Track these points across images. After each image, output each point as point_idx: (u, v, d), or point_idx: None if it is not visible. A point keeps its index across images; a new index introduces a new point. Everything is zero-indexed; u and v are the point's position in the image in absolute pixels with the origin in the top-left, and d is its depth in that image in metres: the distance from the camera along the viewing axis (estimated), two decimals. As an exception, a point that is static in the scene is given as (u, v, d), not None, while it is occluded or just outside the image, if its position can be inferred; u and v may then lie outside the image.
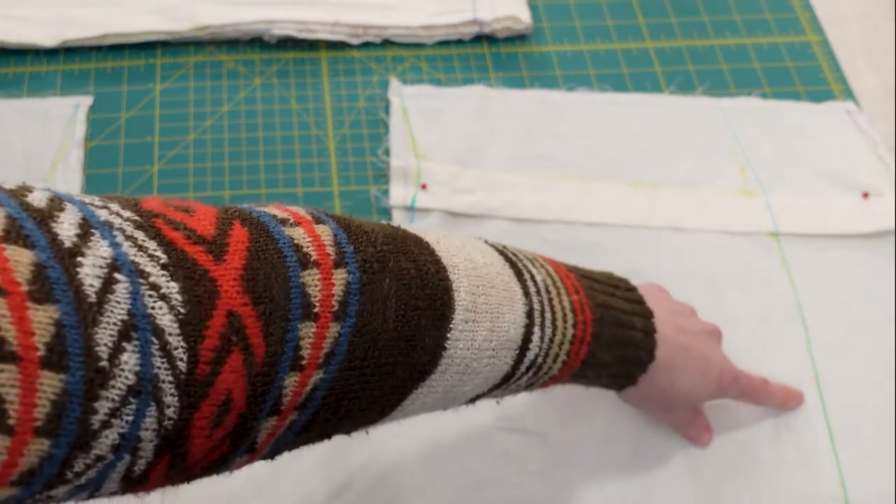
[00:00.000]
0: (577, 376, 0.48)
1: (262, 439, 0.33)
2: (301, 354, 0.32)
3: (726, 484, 0.57)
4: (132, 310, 0.27)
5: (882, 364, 0.62)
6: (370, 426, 0.39)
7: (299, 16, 0.78)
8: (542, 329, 0.42)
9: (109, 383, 0.26)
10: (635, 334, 0.49)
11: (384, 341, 0.35)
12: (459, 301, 0.38)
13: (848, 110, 0.75)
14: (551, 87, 0.77)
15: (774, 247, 0.67)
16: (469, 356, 0.39)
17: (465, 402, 0.44)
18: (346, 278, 0.33)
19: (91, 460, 0.27)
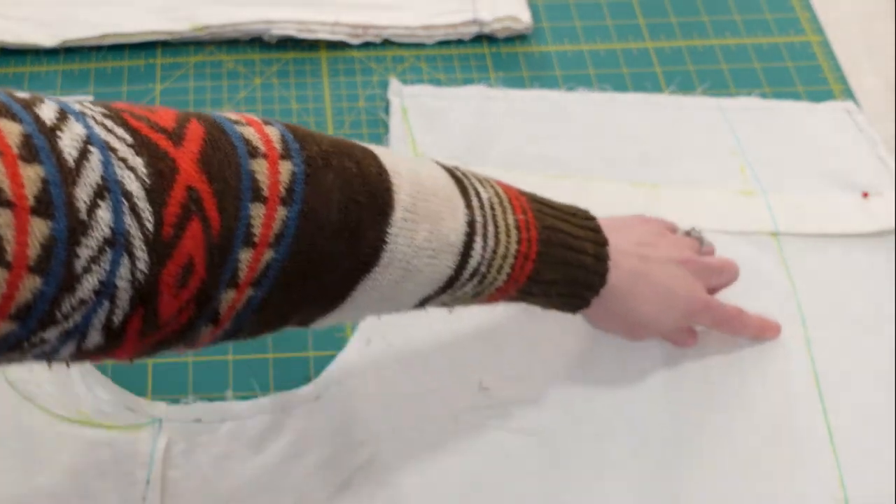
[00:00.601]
0: (525, 293, 0.51)
1: (223, 311, 0.38)
2: (253, 232, 0.37)
3: (727, 484, 0.57)
4: (104, 175, 0.32)
5: (882, 364, 0.62)
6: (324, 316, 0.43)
7: (299, 16, 0.78)
8: (484, 240, 0.46)
9: (88, 233, 0.31)
10: (585, 258, 0.52)
11: (329, 229, 0.39)
12: (399, 202, 0.42)
13: (848, 110, 0.75)
14: (551, 87, 0.77)
15: (774, 246, 0.67)
16: (410, 253, 0.43)
17: (414, 304, 0.47)
18: (292, 169, 0.38)
19: (76, 302, 0.32)
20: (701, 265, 0.59)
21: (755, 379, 0.61)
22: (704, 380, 0.61)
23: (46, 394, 0.58)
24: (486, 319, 0.63)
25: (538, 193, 0.53)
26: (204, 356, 0.61)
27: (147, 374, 0.60)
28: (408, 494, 0.56)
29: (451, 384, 0.60)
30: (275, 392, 0.60)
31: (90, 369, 0.59)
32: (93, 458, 0.56)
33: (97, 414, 0.58)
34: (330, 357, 0.61)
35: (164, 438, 0.57)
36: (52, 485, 0.55)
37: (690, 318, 0.59)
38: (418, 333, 0.62)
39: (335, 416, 0.58)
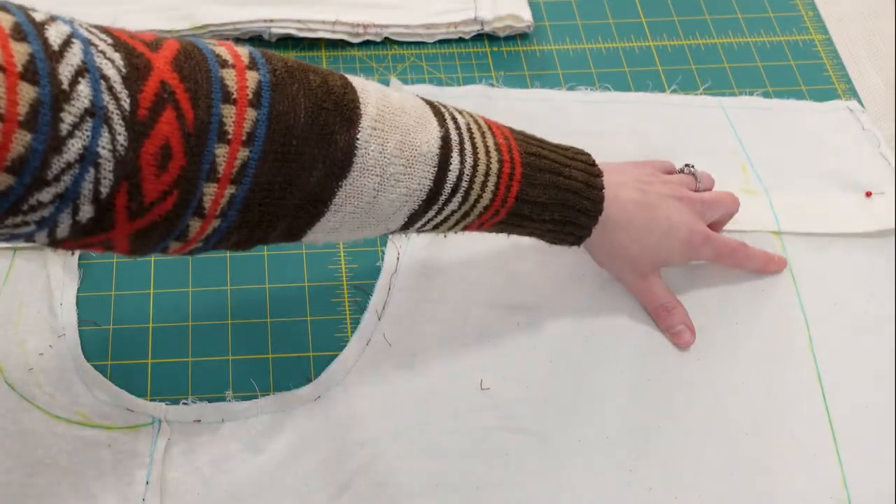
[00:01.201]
0: (517, 215, 0.54)
1: (208, 205, 0.42)
2: (226, 129, 0.41)
3: (730, 485, 0.57)
4: (84, 59, 0.37)
5: (885, 363, 0.62)
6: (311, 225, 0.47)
7: (299, 15, 0.78)
8: (461, 155, 0.50)
9: (70, 101, 0.36)
10: (574, 183, 0.55)
11: (299, 132, 0.43)
12: (367, 112, 0.46)
13: (850, 109, 0.75)
14: (553, 86, 0.77)
15: (776, 246, 0.67)
16: (383, 161, 0.46)
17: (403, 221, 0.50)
18: (258, 77, 0.42)
19: (64, 164, 0.37)
20: (697, 200, 0.62)
21: (757, 379, 0.61)
22: (706, 380, 0.61)
23: (46, 394, 0.58)
24: (486, 320, 0.63)
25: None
26: (204, 356, 0.61)
27: (147, 374, 0.60)
28: (408, 495, 0.56)
29: (451, 384, 0.60)
30: (275, 392, 0.60)
31: (90, 370, 0.59)
32: (92, 459, 0.56)
33: (97, 414, 0.58)
34: (330, 357, 0.61)
35: (164, 439, 0.57)
36: (51, 485, 0.55)
37: (693, 252, 0.61)
38: (418, 333, 0.62)
39: (335, 416, 0.58)
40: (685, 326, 0.62)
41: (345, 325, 0.63)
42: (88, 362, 0.60)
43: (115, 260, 0.65)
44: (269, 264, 0.65)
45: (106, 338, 0.62)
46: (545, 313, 0.63)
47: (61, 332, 0.61)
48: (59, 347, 0.60)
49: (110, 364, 0.60)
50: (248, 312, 0.63)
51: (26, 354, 0.60)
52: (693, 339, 0.62)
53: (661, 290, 0.62)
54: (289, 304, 0.64)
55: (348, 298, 0.64)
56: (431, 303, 0.63)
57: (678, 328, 0.62)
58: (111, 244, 0.43)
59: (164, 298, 0.64)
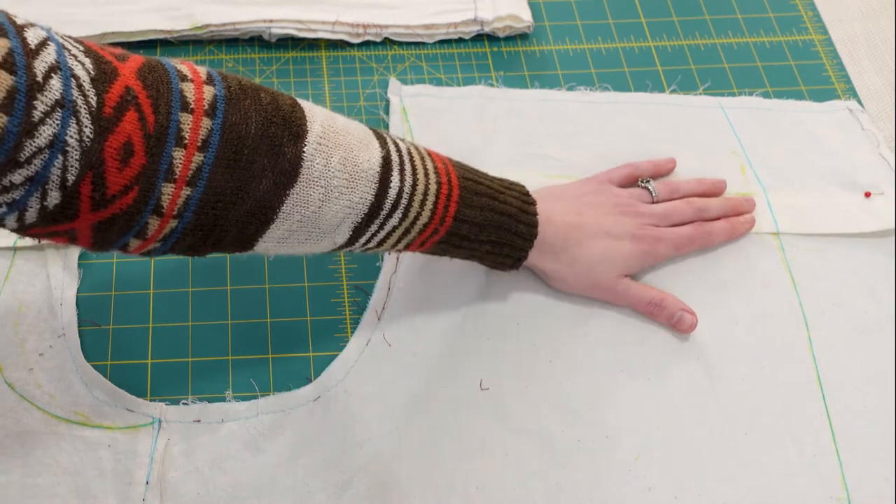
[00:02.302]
0: (457, 235, 0.57)
1: (166, 204, 0.45)
2: (183, 136, 0.44)
3: (730, 485, 0.57)
4: (58, 59, 0.41)
5: (884, 363, 0.62)
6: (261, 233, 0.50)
7: (299, 15, 0.78)
8: (401, 175, 0.53)
9: (43, 92, 0.40)
10: (509, 207, 0.58)
11: (250, 142, 0.47)
12: (313, 129, 0.49)
13: (850, 109, 0.75)
14: (553, 86, 0.77)
15: (776, 246, 0.67)
16: (328, 174, 0.50)
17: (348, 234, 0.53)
18: (214, 91, 0.46)
19: (35, 149, 0.40)
20: (645, 212, 0.64)
21: (757, 379, 0.61)
22: (706, 380, 0.61)
23: (46, 394, 0.58)
24: (486, 320, 0.63)
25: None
26: (204, 356, 0.61)
27: (147, 374, 0.60)
28: (408, 495, 0.56)
29: (451, 384, 0.60)
30: (275, 392, 0.60)
31: (90, 370, 0.59)
32: (92, 459, 0.56)
33: (96, 414, 0.58)
34: (330, 357, 0.61)
35: (164, 439, 0.57)
36: (51, 485, 0.55)
37: (650, 255, 0.63)
38: (418, 333, 0.62)
39: (335, 416, 0.58)
40: (682, 311, 0.62)
41: (345, 325, 0.63)
42: (88, 362, 0.60)
43: (115, 260, 0.65)
44: (269, 264, 0.65)
45: (106, 338, 0.62)
46: (545, 313, 0.63)
47: (61, 332, 0.61)
48: (59, 347, 0.60)
49: (110, 364, 0.60)
50: (248, 312, 0.63)
51: (26, 354, 0.60)
52: (696, 319, 0.62)
53: (638, 289, 0.62)
54: (289, 304, 0.64)
55: (348, 298, 0.64)
56: (431, 303, 0.63)
57: (676, 316, 0.62)
58: (75, 234, 0.45)
59: (164, 298, 0.64)
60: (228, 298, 0.64)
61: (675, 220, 0.65)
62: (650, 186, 0.66)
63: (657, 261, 0.64)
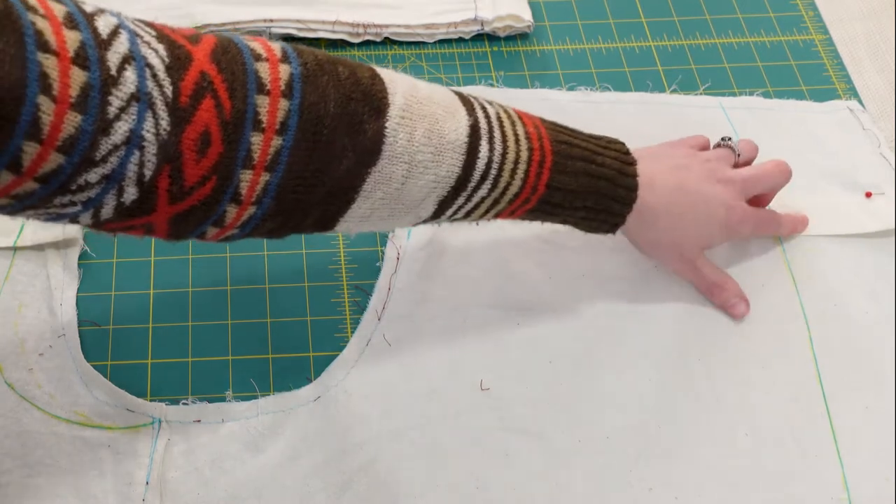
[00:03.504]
0: (548, 202, 0.54)
1: (244, 191, 0.44)
2: (260, 119, 0.43)
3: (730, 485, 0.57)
4: (131, 49, 0.39)
5: (884, 363, 0.62)
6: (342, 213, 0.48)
7: (299, 14, 0.78)
8: (490, 143, 0.51)
9: (118, 86, 0.39)
10: (608, 171, 0.55)
11: (329, 122, 0.44)
12: (394, 102, 0.47)
13: (850, 109, 0.75)
14: (553, 86, 0.77)
15: (776, 246, 0.67)
16: (412, 149, 0.47)
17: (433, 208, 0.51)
18: (290, 70, 0.44)
19: (111, 146, 0.39)
20: (737, 179, 0.62)
21: (757, 379, 0.61)
22: (706, 380, 0.61)
23: (46, 394, 0.58)
24: (486, 320, 0.63)
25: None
26: (204, 356, 0.61)
27: (147, 374, 0.60)
28: (408, 495, 0.56)
29: (451, 384, 0.60)
30: (275, 392, 0.60)
31: (90, 370, 0.59)
32: (92, 459, 0.56)
33: (97, 415, 0.58)
34: (330, 357, 0.61)
35: (164, 439, 0.57)
36: (51, 485, 0.55)
37: (733, 232, 0.62)
38: (418, 333, 0.62)
39: (335, 416, 0.58)
40: (739, 298, 0.62)
41: (345, 325, 0.63)
42: (88, 362, 0.60)
43: (115, 260, 0.65)
44: (269, 264, 0.65)
45: (106, 338, 0.62)
46: (545, 313, 0.63)
47: (61, 332, 0.61)
48: (59, 347, 0.60)
49: (110, 364, 0.60)
50: (248, 312, 0.63)
51: (26, 354, 0.60)
52: (747, 310, 0.62)
53: (710, 269, 0.62)
54: (289, 304, 0.64)
55: (348, 298, 0.64)
56: (431, 303, 0.63)
57: (732, 301, 0.62)
58: (152, 227, 0.44)
59: (164, 298, 0.64)
60: (228, 298, 0.64)
61: (764, 185, 0.64)
62: (733, 144, 0.64)
63: (736, 237, 0.64)
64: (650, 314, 0.63)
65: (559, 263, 0.65)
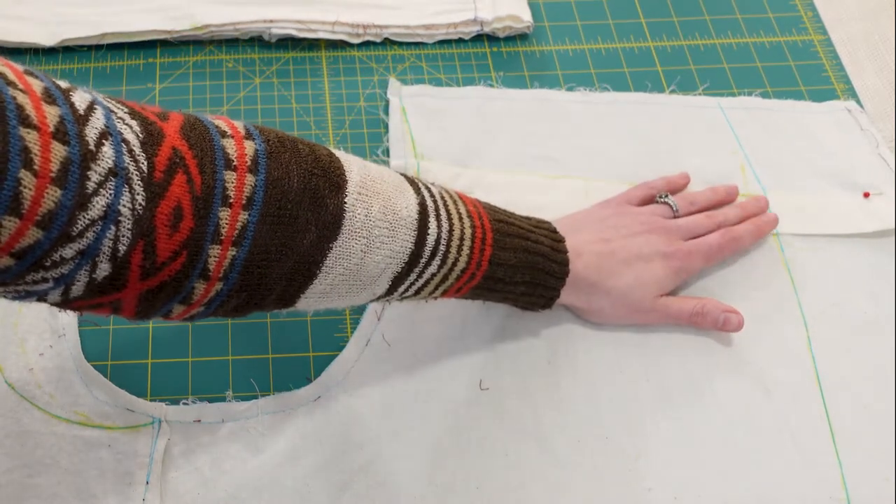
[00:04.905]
0: (492, 278, 0.56)
1: (213, 267, 0.44)
2: (228, 194, 0.44)
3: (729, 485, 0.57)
4: (107, 124, 0.40)
5: (883, 363, 0.62)
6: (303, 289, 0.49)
7: (299, 15, 0.78)
8: (437, 220, 0.52)
9: (97, 161, 0.39)
10: (541, 247, 0.57)
11: (293, 197, 0.46)
12: (351, 179, 0.49)
13: (849, 109, 0.75)
14: (553, 87, 0.77)
15: (775, 246, 0.67)
16: (370, 224, 0.49)
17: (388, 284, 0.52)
18: (255, 146, 0.45)
19: (88, 221, 0.39)
20: (672, 226, 0.63)
21: (757, 379, 0.61)
22: (705, 380, 0.61)
23: (46, 394, 0.58)
24: (486, 320, 0.63)
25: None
26: (204, 356, 0.61)
27: (147, 374, 0.60)
28: (408, 495, 0.56)
29: (451, 384, 0.60)
30: (275, 392, 0.60)
31: (90, 370, 0.59)
32: (92, 459, 0.56)
33: (97, 415, 0.58)
34: (330, 357, 0.61)
35: (164, 439, 0.57)
36: (51, 485, 0.55)
37: (682, 271, 0.62)
38: (418, 334, 0.62)
39: (335, 416, 0.58)
40: (726, 313, 0.61)
41: (345, 325, 0.63)
42: (88, 362, 0.60)
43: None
44: (269, 264, 0.65)
45: (106, 338, 0.62)
46: (545, 313, 0.63)
47: (61, 332, 0.61)
48: (59, 347, 0.60)
49: (110, 364, 0.60)
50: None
51: (26, 354, 0.60)
52: (741, 318, 0.61)
53: (677, 304, 0.62)
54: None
55: (348, 298, 0.64)
56: (431, 303, 0.63)
57: (721, 320, 0.61)
58: (120, 305, 0.44)
59: (164, 298, 0.64)
60: (228, 298, 0.64)
61: (700, 232, 0.64)
62: (670, 201, 0.65)
63: (690, 275, 0.63)
64: (650, 314, 0.63)
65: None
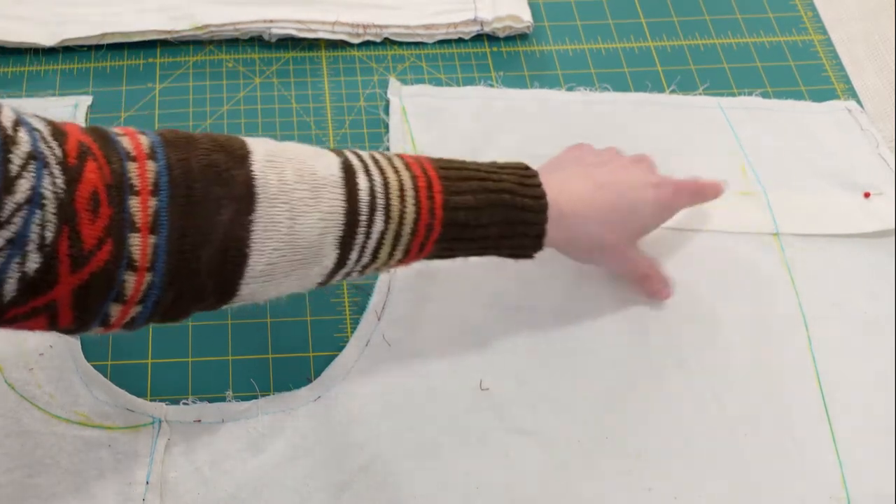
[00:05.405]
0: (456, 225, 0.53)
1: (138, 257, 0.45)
2: (133, 183, 0.45)
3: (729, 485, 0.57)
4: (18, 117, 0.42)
5: (883, 363, 0.62)
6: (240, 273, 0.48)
7: (299, 15, 0.78)
8: (367, 175, 0.51)
9: (15, 145, 0.40)
10: (506, 184, 0.54)
11: (197, 174, 0.46)
12: (256, 150, 0.49)
13: (849, 109, 0.75)
14: (553, 87, 0.77)
15: (775, 247, 0.67)
16: (287, 188, 0.48)
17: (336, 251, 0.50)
18: (150, 139, 0.47)
19: (14, 205, 0.40)
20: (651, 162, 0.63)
21: (757, 379, 0.61)
22: (705, 380, 0.61)
23: (46, 394, 0.58)
24: (486, 320, 0.63)
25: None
26: (204, 356, 0.61)
27: (147, 374, 0.60)
28: (408, 495, 0.56)
29: (451, 384, 0.60)
30: (275, 392, 0.60)
31: (90, 370, 0.59)
32: (92, 459, 0.56)
33: (97, 414, 0.58)
34: (330, 357, 0.61)
35: (164, 439, 0.57)
36: (51, 485, 0.55)
37: (670, 206, 0.62)
38: (418, 333, 0.62)
39: (335, 416, 0.58)
40: (664, 285, 0.63)
41: (345, 325, 0.63)
42: (88, 362, 0.60)
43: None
44: (269, 264, 0.65)
45: (106, 338, 0.61)
46: (545, 313, 0.63)
47: (61, 332, 0.61)
48: (59, 347, 0.60)
49: (110, 364, 0.60)
50: (248, 312, 0.63)
51: (26, 354, 0.60)
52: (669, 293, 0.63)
53: (641, 258, 0.62)
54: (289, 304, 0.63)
55: (348, 298, 0.64)
56: (431, 303, 0.63)
57: (657, 287, 0.63)
58: (55, 309, 0.44)
59: (164, 298, 0.64)
60: (228, 298, 0.64)
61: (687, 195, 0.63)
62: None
63: (674, 213, 0.63)
64: (649, 315, 0.63)
65: (559, 263, 0.65)
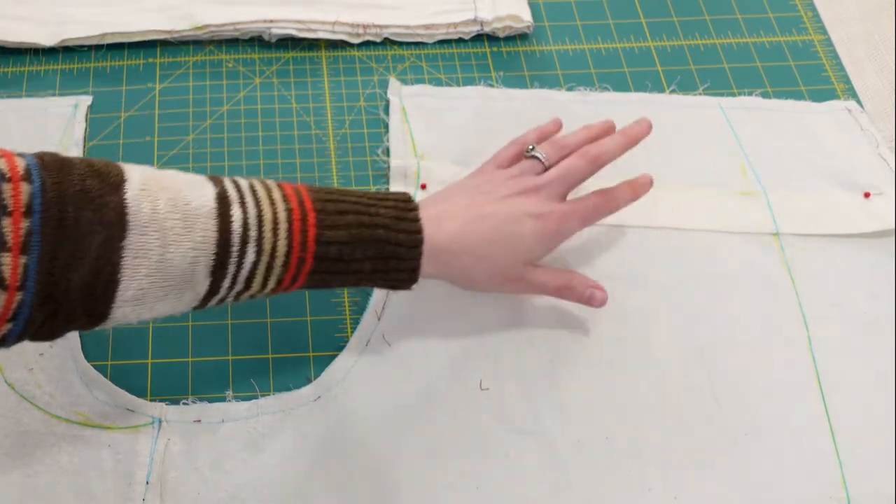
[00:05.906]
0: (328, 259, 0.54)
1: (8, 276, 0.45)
2: (6, 203, 0.45)
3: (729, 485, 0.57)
4: None
5: (883, 363, 0.62)
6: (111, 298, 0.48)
7: (299, 15, 0.78)
8: (242, 207, 0.51)
9: None
10: (381, 219, 0.55)
11: (71, 198, 0.47)
12: (132, 178, 0.49)
13: (849, 109, 0.75)
14: (553, 87, 0.77)
15: (775, 247, 0.67)
16: (159, 217, 0.49)
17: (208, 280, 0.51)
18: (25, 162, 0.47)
19: None
20: (542, 184, 0.60)
21: (757, 379, 0.61)
22: (705, 380, 0.61)
23: (46, 394, 0.58)
24: (485, 320, 0.63)
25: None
26: (204, 356, 0.61)
27: (147, 374, 0.60)
28: (408, 495, 0.56)
29: (451, 384, 0.60)
30: (275, 392, 0.60)
31: (90, 370, 0.59)
32: (92, 459, 0.56)
33: (97, 415, 0.58)
34: (330, 357, 0.61)
35: (164, 439, 0.57)
36: (51, 485, 0.55)
37: (555, 236, 0.60)
38: (418, 334, 0.62)
39: (335, 416, 0.58)
40: (592, 289, 0.60)
41: (345, 325, 0.63)
42: (88, 362, 0.60)
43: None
44: (269, 264, 0.65)
45: (106, 338, 0.62)
46: (545, 314, 0.63)
47: (61, 332, 0.61)
48: (59, 347, 0.60)
49: (110, 364, 0.60)
50: (248, 312, 0.63)
51: (26, 354, 0.60)
52: (606, 294, 0.60)
53: (546, 276, 0.60)
54: (289, 304, 0.64)
55: (348, 298, 0.64)
56: (431, 303, 0.63)
57: (587, 295, 0.60)
58: None
59: (164, 298, 0.64)
60: (228, 298, 0.64)
61: (574, 179, 0.61)
62: (537, 153, 0.62)
63: (565, 239, 0.61)
64: (650, 314, 0.63)
65: (559, 264, 0.65)
